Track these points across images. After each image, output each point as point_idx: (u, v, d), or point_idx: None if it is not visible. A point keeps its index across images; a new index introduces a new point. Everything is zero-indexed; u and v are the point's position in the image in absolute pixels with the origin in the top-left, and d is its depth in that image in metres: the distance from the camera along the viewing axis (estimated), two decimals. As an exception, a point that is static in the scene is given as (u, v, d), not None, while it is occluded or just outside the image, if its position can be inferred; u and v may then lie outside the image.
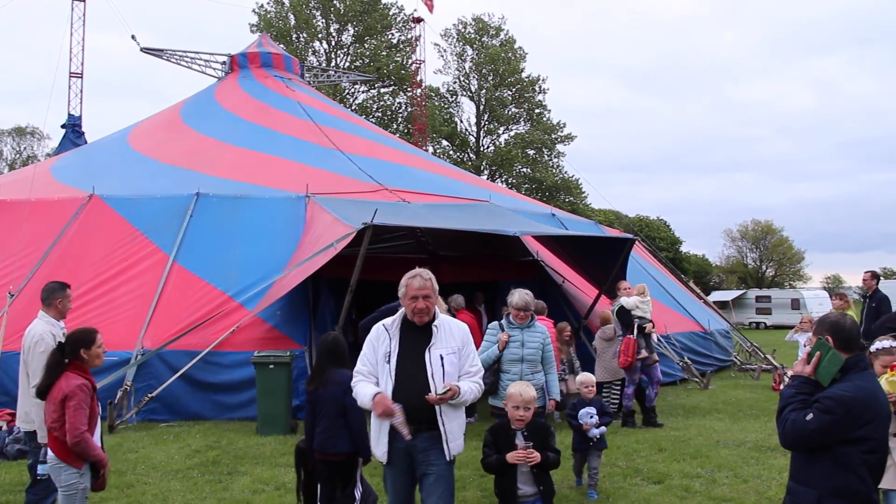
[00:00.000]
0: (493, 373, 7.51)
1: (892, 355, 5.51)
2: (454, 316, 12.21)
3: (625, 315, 12.04)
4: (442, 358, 5.05)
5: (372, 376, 5.13)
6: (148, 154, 17.33)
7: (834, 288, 69.21)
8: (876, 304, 12.70)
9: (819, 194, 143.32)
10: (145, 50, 26.57)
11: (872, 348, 5.63)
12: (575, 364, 12.37)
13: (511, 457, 5.55)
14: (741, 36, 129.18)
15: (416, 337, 5.12)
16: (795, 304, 43.67)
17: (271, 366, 11.12)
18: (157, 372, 11.74)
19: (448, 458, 5.01)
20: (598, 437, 7.78)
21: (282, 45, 35.53)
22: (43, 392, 5.44)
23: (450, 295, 12.89)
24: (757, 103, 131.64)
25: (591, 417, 7.75)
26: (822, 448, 3.95)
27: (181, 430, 10.99)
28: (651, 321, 12.12)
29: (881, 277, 14.21)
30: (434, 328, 5.14)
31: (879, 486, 4.78)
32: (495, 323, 7.87)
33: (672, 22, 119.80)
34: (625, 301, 12.13)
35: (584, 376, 8.46)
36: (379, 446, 5.08)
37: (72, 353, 5.50)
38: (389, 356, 5.09)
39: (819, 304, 40.46)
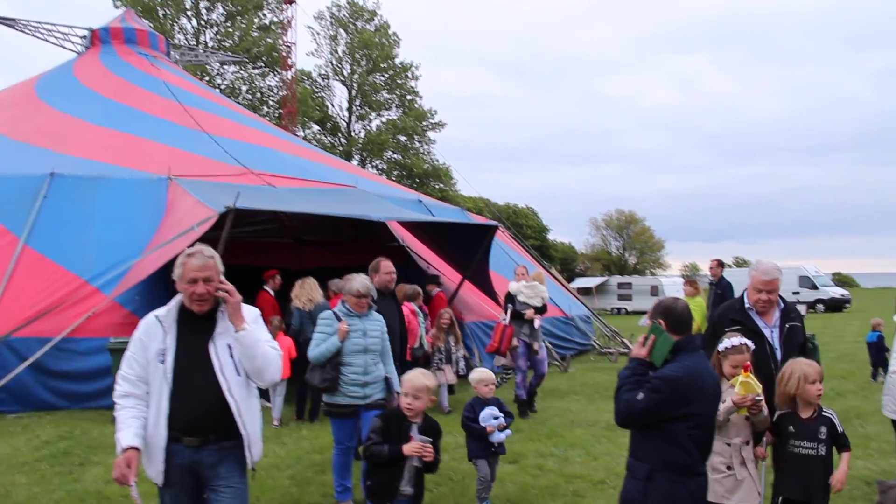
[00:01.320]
0: (334, 367, 6.74)
1: (741, 354, 5.12)
2: (329, 299, 12.16)
3: (510, 300, 11.72)
4: (230, 348, 4.22)
5: (142, 383, 4.19)
6: (-2, 130, 16.48)
7: (691, 275, 72.29)
8: (721, 290, 13.47)
9: (679, 186, 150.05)
10: (-4, 19, 25.12)
11: (720, 347, 5.24)
12: (454, 354, 11.77)
13: (409, 448, 4.97)
14: (610, 32, 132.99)
15: (196, 328, 4.24)
16: (654, 291, 45.46)
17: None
18: (5, 360, 11.19)
19: (250, 466, 4.30)
20: (503, 440, 6.79)
21: (147, 22, 34.31)
22: None
23: (321, 280, 12.84)
24: (623, 97, 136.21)
25: (496, 419, 6.66)
26: (653, 425, 4.22)
27: (30, 422, 10.57)
28: (535, 308, 11.58)
29: (726, 265, 15.04)
30: (219, 314, 4.26)
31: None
32: (328, 312, 6.96)
33: (545, 15, 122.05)
34: (510, 286, 11.83)
35: (482, 373, 7.03)
36: (153, 465, 4.16)
37: None
38: (164, 354, 4.16)
39: (676, 291, 42.18)
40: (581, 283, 50.31)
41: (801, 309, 37.66)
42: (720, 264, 14.10)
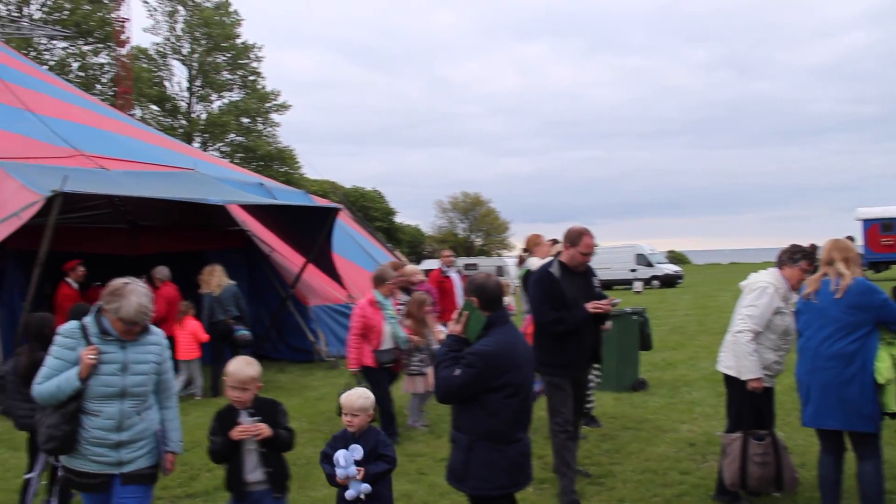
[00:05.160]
0: (69, 418, 4.38)
1: None
2: (156, 289, 11.80)
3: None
4: None
5: None
6: None
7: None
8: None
9: (522, 169, 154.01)
10: None
11: None
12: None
13: (234, 432, 4.59)
14: (455, 18, 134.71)
15: None
16: (500, 272, 46.37)
17: (-54, 347, 10.17)
18: None
19: None
20: (362, 497, 4.64)
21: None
22: None
23: (154, 266, 12.47)
24: (469, 82, 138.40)
25: (348, 465, 4.65)
26: (472, 398, 4.45)
27: None
28: None
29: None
30: None
31: None
32: (72, 326, 4.53)
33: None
34: (534, 263, 9.74)
35: (352, 398, 4.84)
36: None
37: None
38: None
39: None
40: (429, 265, 50.84)
41: (638, 285, 39.01)
42: (554, 242, 14.58)
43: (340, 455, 4.68)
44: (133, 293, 4.41)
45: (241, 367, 4.73)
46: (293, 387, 12.25)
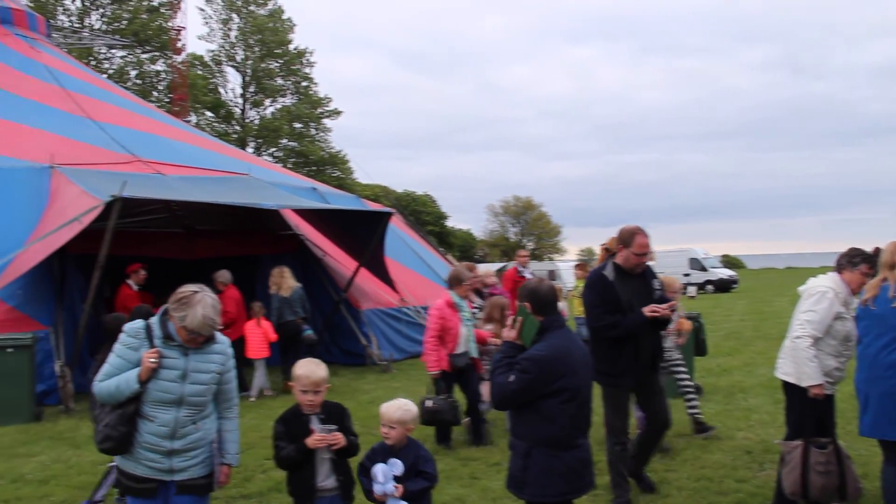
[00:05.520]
0: (126, 419, 4.28)
1: None
2: (219, 293, 11.94)
3: None
4: None
5: None
6: None
7: (587, 260, 73.82)
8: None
9: (574, 173, 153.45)
10: None
11: None
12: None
13: (311, 441, 4.48)
14: (504, 22, 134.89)
15: None
16: (552, 276, 46.13)
17: (10, 349, 10.41)
18: None
19: None
20: None
21: (25, 1, 32.82)
22: None
23: (215, 270, 12.62)
24: (519, 86, 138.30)
25: (386, 481, 4.50)
26: (528, 403, 4.42)
27: None
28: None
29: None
30: None
31: None
32: (137, 325, 4.41)
33: (440, 4, 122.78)
34: None
35: (390, 409, 4.67)
36: None
37: None
38: None
39: (573, 275, 42.89)
40: (481, 268, 50.70)
41: (692, 290, 38.48)
42: (607, 250, 14.46)
43: (379, 470, 4.52)
44: (200, 303, 4.25)
45: (313, 368, 4.61)
46: (345, 390, 12.32)
